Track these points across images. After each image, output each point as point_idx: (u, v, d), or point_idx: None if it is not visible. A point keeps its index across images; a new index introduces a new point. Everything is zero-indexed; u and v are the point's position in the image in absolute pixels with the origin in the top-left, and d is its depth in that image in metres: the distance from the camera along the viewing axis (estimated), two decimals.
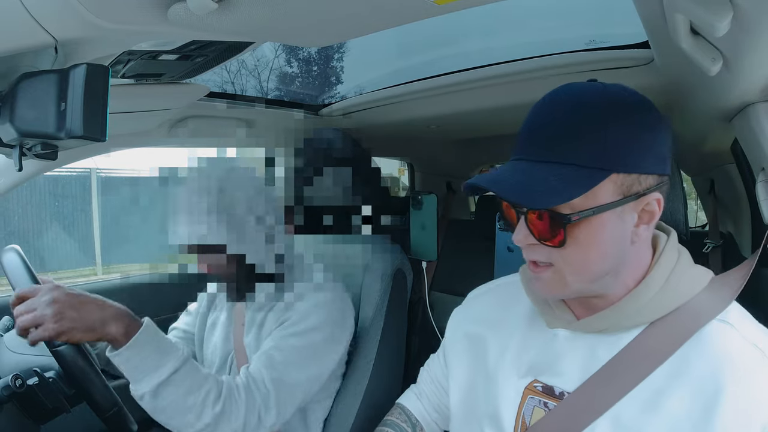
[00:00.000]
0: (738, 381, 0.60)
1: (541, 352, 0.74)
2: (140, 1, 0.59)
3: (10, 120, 0.61)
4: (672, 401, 0.62)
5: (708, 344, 0.63)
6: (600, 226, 0.62)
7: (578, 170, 0.60)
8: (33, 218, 5.72)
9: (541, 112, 0.66)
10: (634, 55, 1.01)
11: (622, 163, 0.61)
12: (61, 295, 0.88)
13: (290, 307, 1.12)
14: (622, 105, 0.63)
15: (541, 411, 0.71)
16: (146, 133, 1.31)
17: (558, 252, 0.63)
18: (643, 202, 0.63)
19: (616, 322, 0.67)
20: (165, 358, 0.93)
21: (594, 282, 0.66)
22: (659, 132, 0.64)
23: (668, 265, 0.68)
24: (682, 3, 0.59)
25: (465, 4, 0.63)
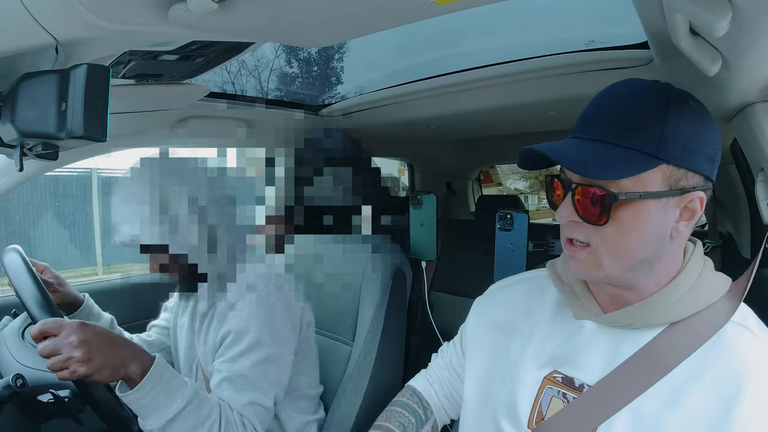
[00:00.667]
0: (756, 383, 0.61)
1: (563, 344, 0.75)
2: (141, 2, 0.59)
3: (11, 120, 0.62)
4: (692, 399, 0.63)
5: (729, 347, 0.65)
6: (644, 212, 0.64)
7: (633, 153, 0.63)
8: (34, 218, 5.72)
9: (606, 95, 0.69)
10: (634, 55, 1.00)
11: (674, 156, 0.63)
12: (87, 336, 0.88)
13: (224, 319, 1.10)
14: (686, 104, 0.65)
15: (559, 402, 0.71)
16: (147, 133, 1.31)
17: (598, 232, 0.65)
18: (687, 198, 0.65)
19: (643, 318, 0.69)
20: (174, 397, 0.94)
21: (629, 270, 0.67)
22: (713, 136, 0.67)
23: (696, 269, 0.70)
24: (682, 3, 0.59)
25: (465, 5, 0.63)
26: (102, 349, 0.88)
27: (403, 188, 2.46)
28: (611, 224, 0.64)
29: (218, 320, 1.11)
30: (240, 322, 1.07)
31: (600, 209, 0.64)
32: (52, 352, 0.86)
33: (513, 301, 0.86)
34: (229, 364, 1.06)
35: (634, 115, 0.65)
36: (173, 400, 0.94)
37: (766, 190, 0.84)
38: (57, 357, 0.85)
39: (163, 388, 0.93)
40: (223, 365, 1.07)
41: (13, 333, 1.08)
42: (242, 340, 1.07)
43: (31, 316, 0.96)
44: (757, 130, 0.82)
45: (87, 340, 0.87)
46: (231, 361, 1.06)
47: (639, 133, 0.63)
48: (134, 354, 0.92)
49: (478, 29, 1.41)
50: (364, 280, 1.35)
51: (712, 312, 0.67)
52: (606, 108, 0.67)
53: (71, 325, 0.88)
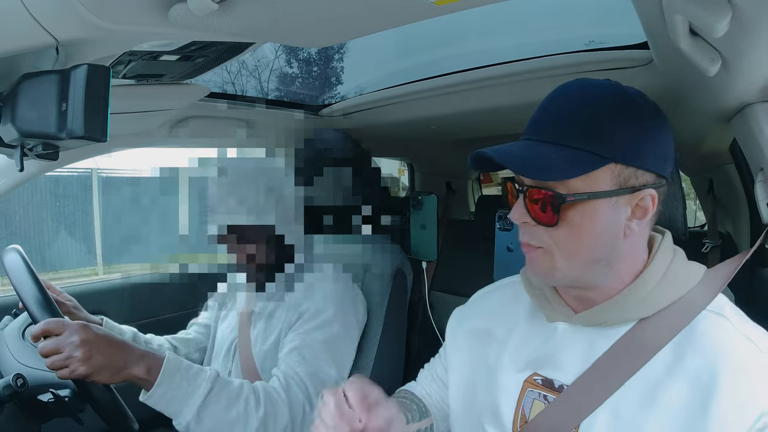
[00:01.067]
0: (733, 373, 0.61)
1: (540, 346, 0.75)
2: (141, 2, 0.59)
3: (11, 120, 0.62)
4: (669, 393, 0.63)
5: (703, 336, 0.65)
6: (593, 212, 0.64)
7: (580, 153, 0.63)
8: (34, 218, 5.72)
9: (554, 98, 0.69)
10: (633, 55, 1.01)
11: (622, 155, 0.63)
12: (89, 336, 0.90)
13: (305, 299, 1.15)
14: (632, 102, 0.66)
15: (541, 404, 0.72)
16: (147, 134, 1.31)
17: (550, 233, 0.66)
18: (638, 196, 0.65)
19: (616, 315, 0.69)
20: (195, 383, 0.95)
21: (585, 270, 0.67)
22: (664, 135, 0.67)
23: (664, 262, 0.70)
24: (681, 4, 0.60)
25: (465, 5, 0.63)
26: (102, 350, 0.90)
27: (403, 188, 2.46)
28: (562, 225, 0.65)
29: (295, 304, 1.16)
30: (321, 301, 1.14)
31: (549, 211, 0.64)
32: (52, 351, 0.87)
33: (489, 309, 0.86)
34: (303, 335, 1.11)
35: (582, 116, 0.64)
36: (197, 385, 0.95)
37: (765, 190, 0.84)
38: (57, 356, 0.87)
39: (182, 377, 0.95)
40: (297, 336, 1.12)
41: (13, 333, 1.08)
42: (318, 317, 1.13)
43: (32, 315, 0.96)
44: (757, 131, 0.82)
45: (88, 341, 0.89)
46: (305, 333, 1.12)
47: (588, 133, 0.63)
48: (137, 356, 0.94)
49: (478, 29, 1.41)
50: (364, 280, 1.35)
51: (685, 302, 0.67)
52: (557, 109, 0.67)
53: (73, 325, 0.90)
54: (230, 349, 1.25)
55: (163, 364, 0.94)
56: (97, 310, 1.57)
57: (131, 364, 0.92)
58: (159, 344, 1.32)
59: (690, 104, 1.05)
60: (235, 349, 1.23)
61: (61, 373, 0.88)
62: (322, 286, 1.17)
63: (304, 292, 1.17)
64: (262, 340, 1.19)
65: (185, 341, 1.37)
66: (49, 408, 0.96)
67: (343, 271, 1.32)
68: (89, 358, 0.88)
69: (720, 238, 1.47)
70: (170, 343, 1.35)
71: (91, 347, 0.89)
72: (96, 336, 0.91)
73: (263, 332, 1.20)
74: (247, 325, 1.24)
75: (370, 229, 1.36)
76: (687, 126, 1.16)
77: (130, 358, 0.93)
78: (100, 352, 0.89)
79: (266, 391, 1.02)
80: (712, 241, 1.44)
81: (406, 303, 1.46)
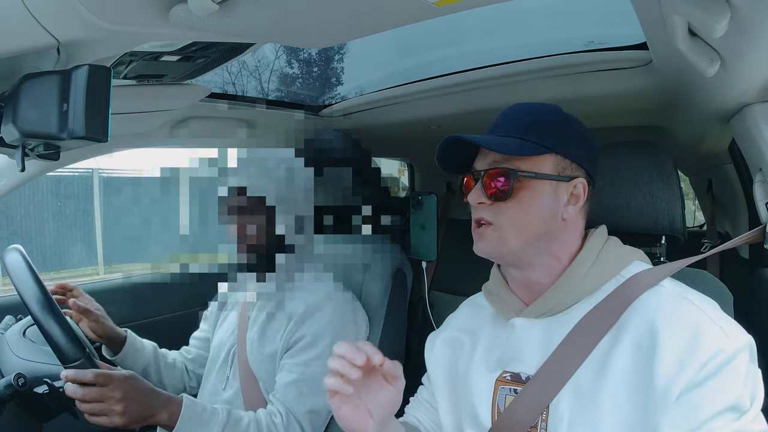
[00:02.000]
0: (671, 329, 0.67)
1: (504, 345, 0.81)
2: (142, 3, 0.59)
3: (12, 120, 0.62)
4: (616, 360, 0.69)
5: (642, 304, 0.72)
6: (538, 191, 0.76)
7: (529, 143, 0.76)
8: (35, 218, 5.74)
9: (504, 114, 0.84)
10: (633, 56, 1.01)
11: (562, 149, 0.77)
12: (130, 392, 0.96)
13: (301, 324, 1.15)
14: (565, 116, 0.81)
15: (512, 398, 0.77)
16: (148, 134, 1.31)
17: (501, 209, 0.76)
18: (572, 184, 0.77)
19: (561, 300, 0.77)
20: (209, 426, 1.02)
21: (527, 246, 0.77)
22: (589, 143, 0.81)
23: (596, 246, 0.79)
24: (680, 5, 0.60)
25: (465, 6, 0.63)
26: (139, 402, 0.96)
27: (403, 188, 2.46)
28: (512, 201, 0.76)
29: (295, 324, 1.15)
30: (319, 328, 1.14)
31: (503, 186, 0.76)
32: (94, 399, 0.93)
33: (457, 324, 0.93)
34: (302, 367, 1.12)
35: (533, 120, 0.79)
36: (210, 429, 1.01)
37: (764, 189, 0.84)
38: (98, 405, 0.93)
39: (196, 423, 1.01)
40: (295, 368, 1.12)
41: (14, 333, 1.09)
42: (317, 345, 1.13)
43: (32, 315, 0.96)
44: (755, 131, 0.82)
45: (129, 396, 0.95)
46: (304, 364, 1.12)
47: (534, 130, 0.77)
48: (163, 403, 1.00)
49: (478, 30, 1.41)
50: (364, 280, 1.35)
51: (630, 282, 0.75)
52: (510, 117, 0.82)
53: (118, 380, 0.95)
54: (228, 355, 1.25)
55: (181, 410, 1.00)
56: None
57: (157, 411, 0.98)
58: (173, 359, 1.35)
59: (689, 104, 1.05)
60: (233, 356, 1.24)
61: (96, 420, 0.93)
62: (321, 313, 1.15)
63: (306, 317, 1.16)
64: (259, 347, 1.19)
65: (189, 360, 1.39)
66: (50, 407, 0.96)
67: (344, 271, 1.32)
68: (126, 412, 0.94)
69: (719, 238, 1.47)
70: (183, 356, 1.38)
71: (130, 401, 0.95)
72: (135, 390, 0.97)
73: (258, 336, 1.20)
74: (245, 331, 1.24)
75: (370, 229, 1.36)
76: (686, 126, 1.16)
77: (158, 406, 0.99)
78: (137, 404, 0.96)
79: (269, 427, 1.07)
80: (711, 241, 1.45)
81: (406, 302, 1.46)
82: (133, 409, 0.95)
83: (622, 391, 0.68)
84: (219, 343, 1.29)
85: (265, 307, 1.21)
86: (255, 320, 1.22)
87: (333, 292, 1.21)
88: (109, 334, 1.22)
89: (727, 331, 0.65)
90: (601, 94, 1.13)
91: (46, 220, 5.80)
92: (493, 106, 1.29)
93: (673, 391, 0.63)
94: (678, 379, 0.63)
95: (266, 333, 1.19)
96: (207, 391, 1.25)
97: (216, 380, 1.24)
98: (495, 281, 0.88)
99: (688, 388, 0.63)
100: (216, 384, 1.23)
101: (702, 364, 0.63)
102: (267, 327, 1.19)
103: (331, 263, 1.31)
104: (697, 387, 0.63)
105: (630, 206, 0.91)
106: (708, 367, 0.63)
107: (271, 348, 1.17)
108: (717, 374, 0.63)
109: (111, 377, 0.94)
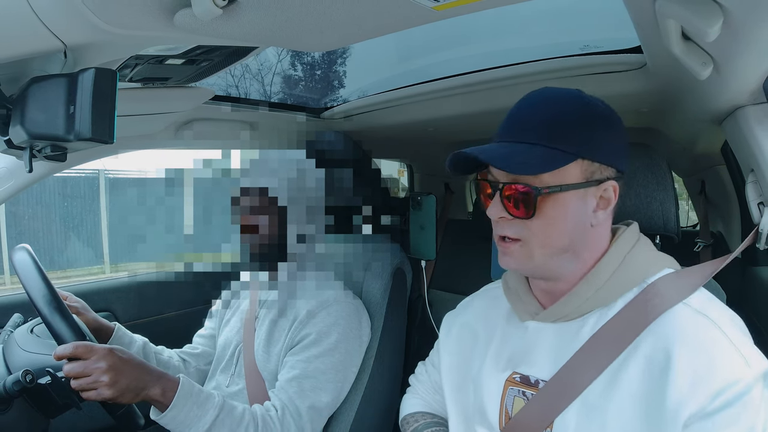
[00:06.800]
0: (688, 348, 0.63)
1: (517, 345, 0.79)
2: (147, 7, 0.59)
3: (20, 122, 0.62)
4: (628, 375, 0.66)
5: (661, 321, 0.67)
6: (565, 203, 0.69)
7: (550, 151, 0.69)
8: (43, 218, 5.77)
9: (520, 106, 0.75)
10: (627, 59, 1.01)
11: (589, 152, 0.69)
12: (115, 362, 0.94)
13: (307, 323, 1.16)
14: (592, 106, 0.72)
15: (521, 400, 0.75)
16: (153, 136, 1.32)
17: (526, 225, 0.70)
18: (602, 188, 0.71)
19: (576, 307, 0.73)
20: (204, 408, 1.01)
21: (556, 258, 0.72)
22: (619, 133, 0.73)
23: (625, 247, 0.74)
24: (674, 9, 0.60)
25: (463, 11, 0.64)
26: (127, 374, 0.95)
27: (403, 189, 2.48)
28: (538, 217, 0.69)
29: (300, 322, 1.16)
30: (324, 327, 1.14)
31: (526, 204, 0.69)
32: (80, 374, 0.92)
33: (475, 313, 0.91)
34: (304, 363, 1.12)
35: (554, 118, 0.70)
36: (206, 410, 1.00)
37: (756, 190, 0.85)
38: (84, 379, 0.92)
39: (194, 402, 1.00)
40: (298, 364, 1.13)
41: (23, 331, 1.10)
42: (321, 343, 1.13)
43: (39, 312, 0.98)
44: (747, 133, 0.82)
45: (114, 366, 0.93)
46: (306, 361, 1.13)
47: (559, 131, 0.69)
48: (155, 377, 0.98)
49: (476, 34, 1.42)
50: (365, 279, 1.36)
51: (656, 294, 0.70)
52: (524, 115, 0.73)
53: (100, 351, 0.94)
54: (234, 353, 1.26)
55: (177, 387, 0.99)
56: (104, 307, 1.61)
57: (150, 385, 0.97)
58: (169, 356, 1.34)
59: (682, 107, 1.05)
60: (239, 354, 1.25)
61: (87, 395, 0.93)
62: (326, 313, 1.16)
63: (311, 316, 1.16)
64: (266, 346, 1.20)
65: (195, 356, 1.39)
66: (55, 401, 0.97)
67: (344, 270, 1.33)
68: (115, 383, 0.93)
69: (712, 238, 1.47)
70: (180, 357, 1.37)
71: (117, 372, 0.93)
72: (121, 361, 0.95)
73: (266, 336, 1.21)
74: (252, 330, 1.25)
75: (371, 228, 1.37)
76: (679, 128, 1.17)
77: (150, 380, 0.97)
78: (124, 376, 0.94)
79: (264, 419, 1.06)
80: (704, 240, 1.45)
81: (406, 301, 1.47)
82: (121, 381, 0.93)
83: (630, 407, 0.65)
84: (225, 341, 1.30)
85: (273, 306, 1.23)
86: (263, 320, 1.23)
87: (341, 292, 1.22)
88: (93, 326, 1.21)
89: (747, 358, 0.61)
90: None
91: (53, 220, 5.84)
92: (490, 108, 1.31)
93: (682, 415, 0.61)
94: (689, 402, 0.61)
95: (274, 333, 1.20)
96: (211, 387, 1.26)
97: (221, 377, 1.25)
98: (516, 279, 0.84)
99: (699, 416, 0.60)
100: (220, 381, 1.25)
101: (716, 392, 0.60)
102: (274, 326, 1.21)
103: (332, 262, 1.32)
104: (709, 417, 0.60)
105: (625, 206, 0.92)
106: (722, 397, 0.59)
107: (278, 347, 1.18)
108: (731, 405, 0.59)
109: (92, 348, 0.93)
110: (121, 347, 0.99)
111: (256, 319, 1.26)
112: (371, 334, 1.28)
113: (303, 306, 1.17)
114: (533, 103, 0.74)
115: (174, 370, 1.33)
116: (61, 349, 0.93)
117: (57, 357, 0.93)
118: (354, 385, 1.23)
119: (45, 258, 5.03)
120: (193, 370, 1.37)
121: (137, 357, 1.00)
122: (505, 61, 1.19)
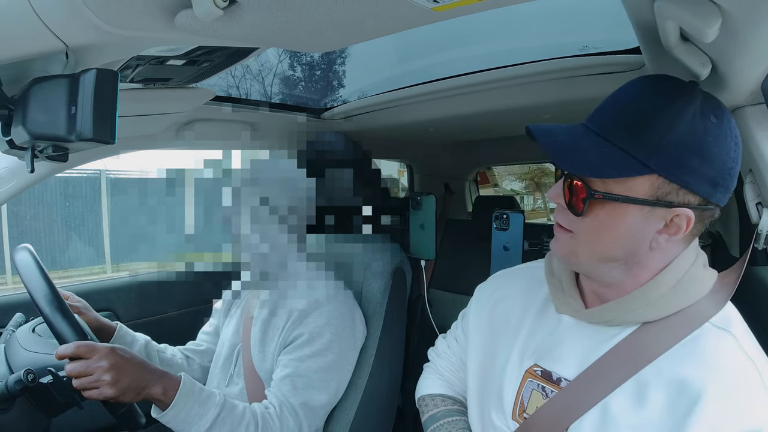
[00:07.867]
0: (724, 385, 0.60)
1: (545, 337, 0.76)
2: (148, 8, 0.59)
3: (22, 123, 0.63)
4: (657, 396, 0.63)
5: (703, 349, 0.64)
6: (622, 214, 0.63)
7: (623, 156, 0.61)
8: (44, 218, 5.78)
9: (624, 88, 0.67)
10: (626, 60, 1.02)
11: (667, 169, 0.61)
12: (117, 361, 0.95)
13: (300, 323, 1.16)
14: (703, 117, 0.61)
15: (539, 395, 0.73)
16: (154, 136, 1.33)
17: (577, 221, 0.66)
18: (673, 213, 0.62)
19: (621, 315, 0.68)
20: (206, 407, 1.01)
21: (601, 263, 0.67)
22: (724, 159, 0.62)
23: (683, 267, 0.67)
24: (673, 10, 0.60)
25: (463, 11, 0.64)
26: (128, 373, 0.95)
27: (403, 189, 2.48)
28: (588, 217, 0.65)
29: (293, 322, 1.16)
30: (316, 327, 1.14)
31: (579, 201, 0.64)
32: (82, 373, 0.92)
33: (511, 292, 0.86)
34: (296, 363, 1.13)
35: (640, 116, 0.62)
36: (207, 409, 1.01)
37: (754, 190, 0.85)
38: (86, 378, 0.92)
39: (195, 400, 1.00)
40: (290, 363, 1.13)
41: (24, 331, 1.11)
42: (314, 344, 1.14)
43: (41, 311, 0.98)
44: (746, 133, 0.82)
45: (116, 365, 0.94)
46: (299, 360, 1.13)
47: (638, 136, 0.61)
48: (156, 376, 0.99)
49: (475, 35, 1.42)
50: (365, 278, 1.37)
51: (692, 311, 0.66)
52: (619, 103, 0.65)
53: (102, 350, 0.95)
54: (232, 353, 1.26)
55: (178, 385, 1.00)
56: (106, 307, 1.61)
57: (151, 384, 0.98)
58: (172, 353, 1.35)
59: None
60: (238, 354, 1.25)
61: (89, 393, 0.93)
62: (319, 312, 1.16)
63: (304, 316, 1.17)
64: (261, 346, 1.21)
65: (199, 353, 1.40)
66: (57, 400, 0.98)
67: (345, 270, 1.34)
68: (116, 382, 0.93)
69: (710, 238, 1.47)
70: (183, 354, 1.38)
71: (119, 371, 0.94)
72: (123, 360, 0.96)
73: (260, 335, 1.22)
74: (249, 331, 1.26)
75: (371, 228, 1.38)
76: None
77: (151, 379, 0.98)
78: (126, 375, 0.95)
79: (263, 417, 1.07)
80: (702, 240, 1.44)
81: (406, 300, 1.47)
82: (122, 380, 0.94)
83: (652, 428, 0.62)
84: (224, 340, 1.31)
85: (266, 305, 1.23)
86: (257, 319, 1.24)
87: (333, 291, 1.22)
88: (94, 326, 1.21)
89: None
90: (596, 98, 1.12)
91: (54, 220, 5.85)
92: (489, 109, 1.31)
93: None
94: None
95: (267, 333, 1.21)
96: (212, 386, 1.26)
97: (220, 377, 1.26)
98: (562, 268, 0.78)
99: None
100: (220, 380, 1.25)
101: None
102: (268, 326, 1.21)
103: (332, 262, 1.32)
104: None
105: None
106: None
107: (272, 346, 1.19)
108: None
109: (94, 347, 0.94)
110: (122, 346, 1.00)
111: (252, 319, 1.26)
112: (371, 334, 1.28)
113: (296, 305, 1.18)
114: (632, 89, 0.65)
115: (177, 367, 1.33)
116: (62, 349, 0.94)
117: (59, 356, 0.94)
118: (354, 384, 1.23)
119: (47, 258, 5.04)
120: (197, 367, 1.37)
121: (139, 356, 1.01)
122: (504, 61, 1.19)
